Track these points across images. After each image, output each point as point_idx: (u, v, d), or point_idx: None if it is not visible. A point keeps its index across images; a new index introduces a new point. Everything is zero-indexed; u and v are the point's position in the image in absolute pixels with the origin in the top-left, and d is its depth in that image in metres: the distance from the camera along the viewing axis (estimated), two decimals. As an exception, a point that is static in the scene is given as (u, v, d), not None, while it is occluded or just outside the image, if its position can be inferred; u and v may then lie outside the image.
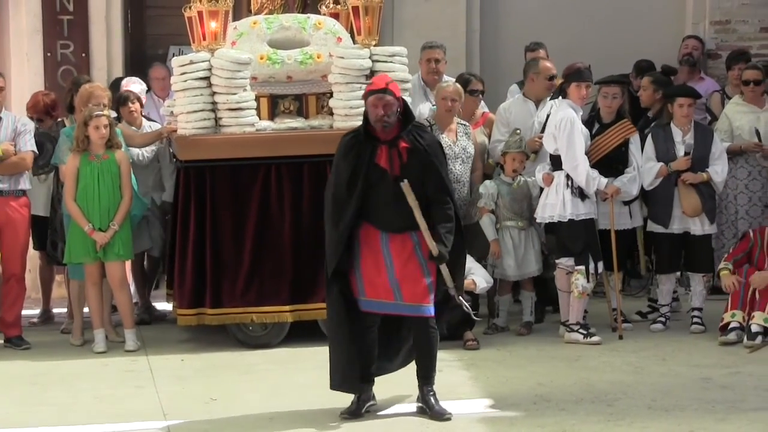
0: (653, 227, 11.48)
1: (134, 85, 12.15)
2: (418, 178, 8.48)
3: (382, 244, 8.58)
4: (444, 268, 8.53)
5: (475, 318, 9.43)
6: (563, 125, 10.84)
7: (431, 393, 8.67)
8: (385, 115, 8.47)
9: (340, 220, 8.55)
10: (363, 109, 10.51)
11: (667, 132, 11.47)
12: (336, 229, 8.58)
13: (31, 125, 11.31)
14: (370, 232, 8.60)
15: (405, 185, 8.34)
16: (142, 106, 11.95)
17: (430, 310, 8.59)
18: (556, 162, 10.98)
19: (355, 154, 8.58)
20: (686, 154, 11.29)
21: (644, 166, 11.30)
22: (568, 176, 10.87)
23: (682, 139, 11.38)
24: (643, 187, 11.34)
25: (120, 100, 11.87)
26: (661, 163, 11.29)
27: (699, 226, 11.37)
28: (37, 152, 11.18)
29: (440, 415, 8.53)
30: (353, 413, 8.63)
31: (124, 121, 11.71)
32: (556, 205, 10.90)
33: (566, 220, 10.90)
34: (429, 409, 8.61)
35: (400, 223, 8.53)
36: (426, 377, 8.73)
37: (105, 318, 11.12)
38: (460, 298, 8.79)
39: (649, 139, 11.45)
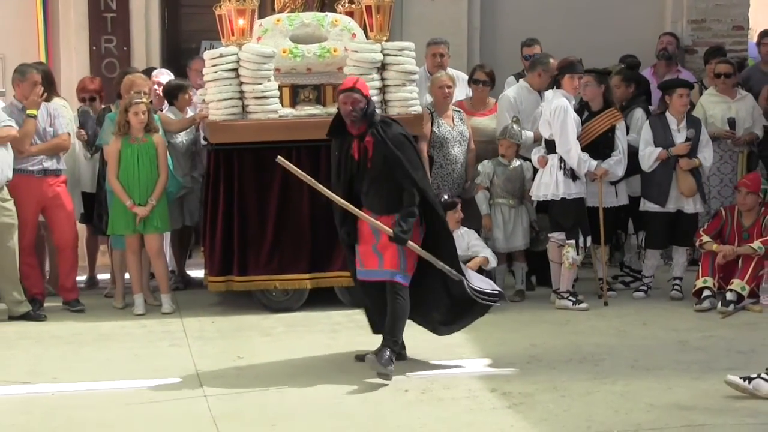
0: (648, 206, 11.44)
1: (163, 75, 12.13)
2: (383, 167, 8.71)
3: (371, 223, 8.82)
4: (416, 247, 8.71)
5: (494, 304, 9.28)
6: (557, 113, 10.80)
7: (385, 349, 8.64)
8: (352, 110, 8.72)
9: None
10: (376, 97, 10.61)
11: (663, 120, 11.45)
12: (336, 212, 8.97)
13: (64, 110, 11.28)
14: (364, 213, 8.81)
15: (280, 160, 8.97)
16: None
17: (397, 276, 8.73)
18: (550, 146, 10.95)
19: (338, 147, 8.95)
20: (688, 140, 11.26)
21: (644, 151, 11.31)
22: (561, 159, 10.84)
23: (677, 127, 11.37)
24: (636, 171, 11.40)
25: (179, 87, 11.87)
26: (660, 148, 11.25)
27: (692, 206, 11.38)
28: (69, 133, 11.15)
29: (377, 367, 8.53)
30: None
31: (173, 107, 11.78)
32: (549, 184, 10.89)
33: (559, 199, 10.88)
34: (374, 357, 8.61)
35: (381, 206, 8.78)
36: (386, 335, 8.79)
37: (144, 284, 11.11)
38: (452, 270, 8.78)
39: (647, 127, 11.43)
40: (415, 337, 9.53)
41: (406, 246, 8.67)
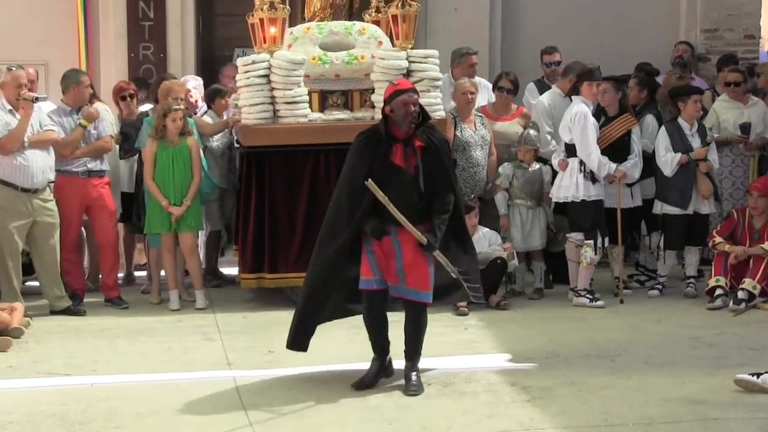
0: (667, 209, 11.36)
1: (192, 81, 12.16)
2: (429, 173, 8.15)
3: (392, 234, 8.18)
4: (439, 255, 8.15)
5: (472, 299, 8.83)
6: (578, 118, 10.78)
7: (413, 371, 8.29)
8: (414, 111, 8.11)
9: (354, 213, 8.14)
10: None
11: (676, 126, 11.38)
12: (348, 222, 8.17)
13: (106, 114, 11.35)
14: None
15: (370, 184, 7.93)
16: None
17: (429, 297, 8.26)
18: (570, 150, 10.90)
19: (370, 152, 8.16)
20: (707, 144, 11.25)
21: (665, 156, 11.24)
22: (581, 162, 10.81)
23: (691, 132, 11.34)
24: (649, 174, 11.36)
25: (217, 92, 11.93)
26: (680, 153, 11.20)
27: (707, 207, 11.36)
28: (112, 136, 11.19)
29: (412, 391, 8.13)
30: (367, 383, 8.33)
31: (211, 111, 11.83)
32: (570, 187, 10.86)
33: (579, 201, 10.87)
34: (406, 384, 8.23)
35: (411, 215, 8.06)
36: (411, 356, 8.35)
37: (179, 280, 11.11)
38: (461, 279, 8.35)
39: (663, 133, 11.36)
40: (436, 333, 9.52)
41: (432, 254, 8.16)
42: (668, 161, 11.22)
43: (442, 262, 8.19)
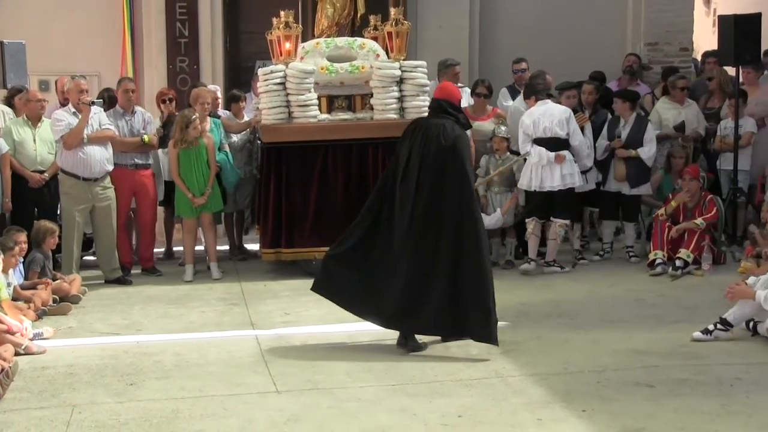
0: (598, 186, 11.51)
1: (211, 86, 12.16)
2: None
3: None
4: None
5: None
6: (571, 118, 10.83)
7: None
8: None
9: None
10: (395, 105, 10.55)
11: (616, 121, 11.46)
12: None
13: (151, 117, 11.32)
14: None
15: None
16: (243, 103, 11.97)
17: None
18: (563, 143, 10.82)
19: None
20: (618, 137, 11.32)
21: (599, 143, 11.38)
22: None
23: (622, 127, 11.34)
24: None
25: (231, 98, 11.97)
26: (607, 142, 11.34)
27: (627, 189, 11.37)
28: (155, 133, 11.19)
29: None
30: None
31: (229, 112, 11.83)
32: (570, 175, 10.78)
33: (574, 188, 10.84)
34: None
35: None
36: None
37: (212, 254, 11.06)
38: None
39: (606, 126, 11.48)
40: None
41: None
42: (600, 147, 11.35)
43: None
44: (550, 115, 10.82)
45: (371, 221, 8.08)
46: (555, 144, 10.75)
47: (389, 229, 7.97)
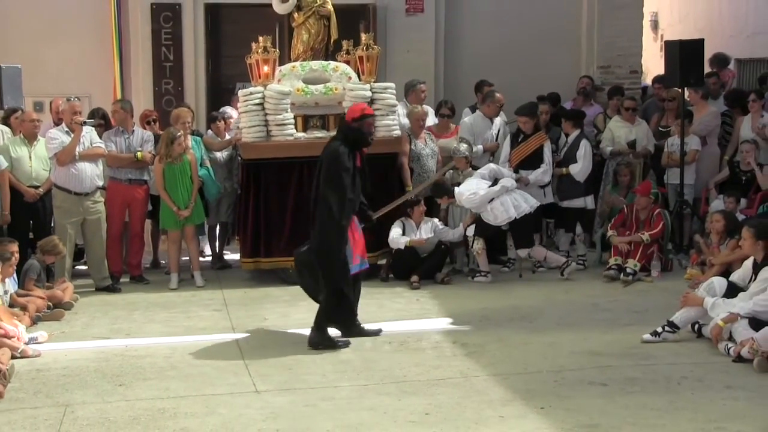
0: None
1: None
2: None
3: (356, 220, 8.45)
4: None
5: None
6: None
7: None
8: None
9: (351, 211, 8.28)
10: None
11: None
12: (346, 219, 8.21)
13: (151, 136, 11.25)
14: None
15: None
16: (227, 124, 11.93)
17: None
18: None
19: (351, 161, 8.27)
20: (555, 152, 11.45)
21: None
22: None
23: (564, 144, 11.53)
24: None
25: (211, 118, 11.95)
26: None
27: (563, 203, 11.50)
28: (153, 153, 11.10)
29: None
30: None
31: (211, 131, 11.77)
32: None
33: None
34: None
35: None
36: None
37: (195, 264, 11.02)
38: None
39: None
40: (395, 303, 9.54)
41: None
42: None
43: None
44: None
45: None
46: None
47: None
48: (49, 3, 13.62)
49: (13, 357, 7.74)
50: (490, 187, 10.63)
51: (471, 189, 10.64)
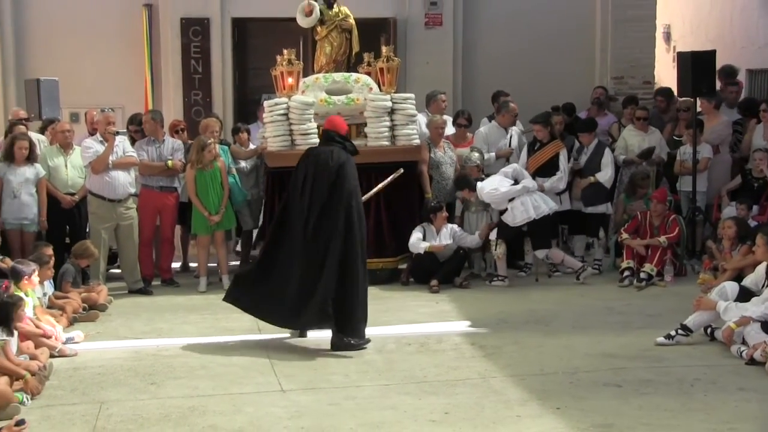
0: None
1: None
2: None
3: None
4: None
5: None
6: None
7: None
8: None
9: None
10: (387, 133, 10.57)
11: (581, 147, 11.54)
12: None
13: (181, 145, 11.29)
14: None
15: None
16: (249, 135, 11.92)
17: None
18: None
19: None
20: (576, 160, 11.42)
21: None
22: None
23: (584, 153, 11.48)
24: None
25: (234, 130, 11.95)
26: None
27: (589, 209, 11.44)
28: (183, 161, 11.14)
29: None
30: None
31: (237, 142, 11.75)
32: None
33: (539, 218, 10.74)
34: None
35: None
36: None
37: (223, 268, 11.03)
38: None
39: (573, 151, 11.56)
40: (416, 306, 9.53)
41: None
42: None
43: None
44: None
45: (272, 240, 8.46)
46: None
47: (286, 246, 8.28)
48: (85, 21, 13.76)
49: (51, 356, 7.83)
50: (511, 185, 10.65)
51: (493, 185, 10.67)
